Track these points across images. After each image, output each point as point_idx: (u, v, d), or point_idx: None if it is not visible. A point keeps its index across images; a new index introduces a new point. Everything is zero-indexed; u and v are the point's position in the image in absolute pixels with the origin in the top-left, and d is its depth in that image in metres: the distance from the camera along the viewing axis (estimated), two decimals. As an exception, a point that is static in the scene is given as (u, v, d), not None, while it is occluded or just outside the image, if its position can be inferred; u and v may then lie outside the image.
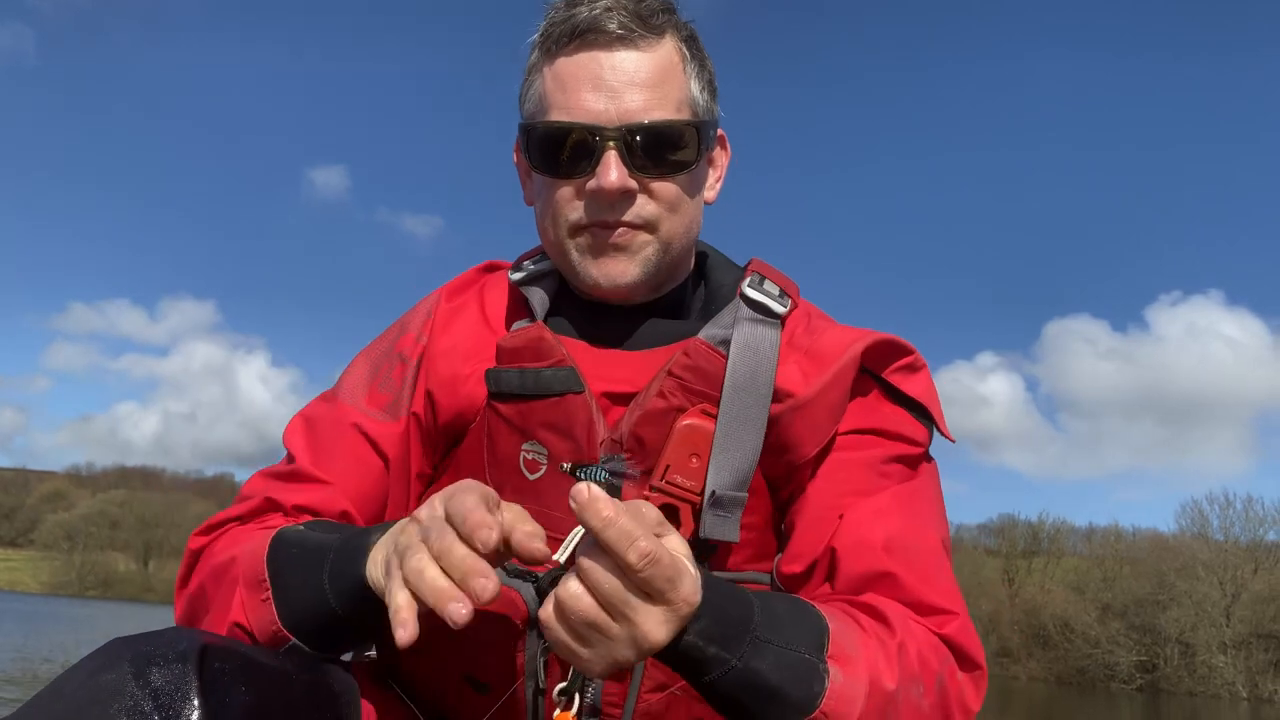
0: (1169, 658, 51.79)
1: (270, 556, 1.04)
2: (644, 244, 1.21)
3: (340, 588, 0.98)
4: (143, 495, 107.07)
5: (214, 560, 1.13)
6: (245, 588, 1.05)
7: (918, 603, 1.12)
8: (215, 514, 1.21)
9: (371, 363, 1.30)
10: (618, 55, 1.16)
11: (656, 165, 1.18)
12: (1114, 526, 65.57)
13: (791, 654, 0.94)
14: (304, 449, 1.24)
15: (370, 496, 1.22)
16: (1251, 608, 50.67)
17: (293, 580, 1.01)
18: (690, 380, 1.17)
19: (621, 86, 1.15)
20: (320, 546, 1.02)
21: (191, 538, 1.19)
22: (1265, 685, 48.70)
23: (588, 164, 1.16)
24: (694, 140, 1.20)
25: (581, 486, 0.83)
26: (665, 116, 1.17)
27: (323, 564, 0.99)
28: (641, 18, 1.17)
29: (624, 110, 1.15)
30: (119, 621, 42.86)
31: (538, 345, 1.20)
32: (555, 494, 1.15)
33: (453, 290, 1.34)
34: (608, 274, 1.21)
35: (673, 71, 1.19)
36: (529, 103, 1.24)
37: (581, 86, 1.16)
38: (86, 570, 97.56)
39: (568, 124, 1.16)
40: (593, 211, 1.19)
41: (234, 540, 1.14)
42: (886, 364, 1.23)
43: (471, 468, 1.22)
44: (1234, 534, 55.37)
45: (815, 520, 1.17)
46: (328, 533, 1.05)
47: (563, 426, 1.17)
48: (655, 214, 1.20)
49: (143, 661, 0.86)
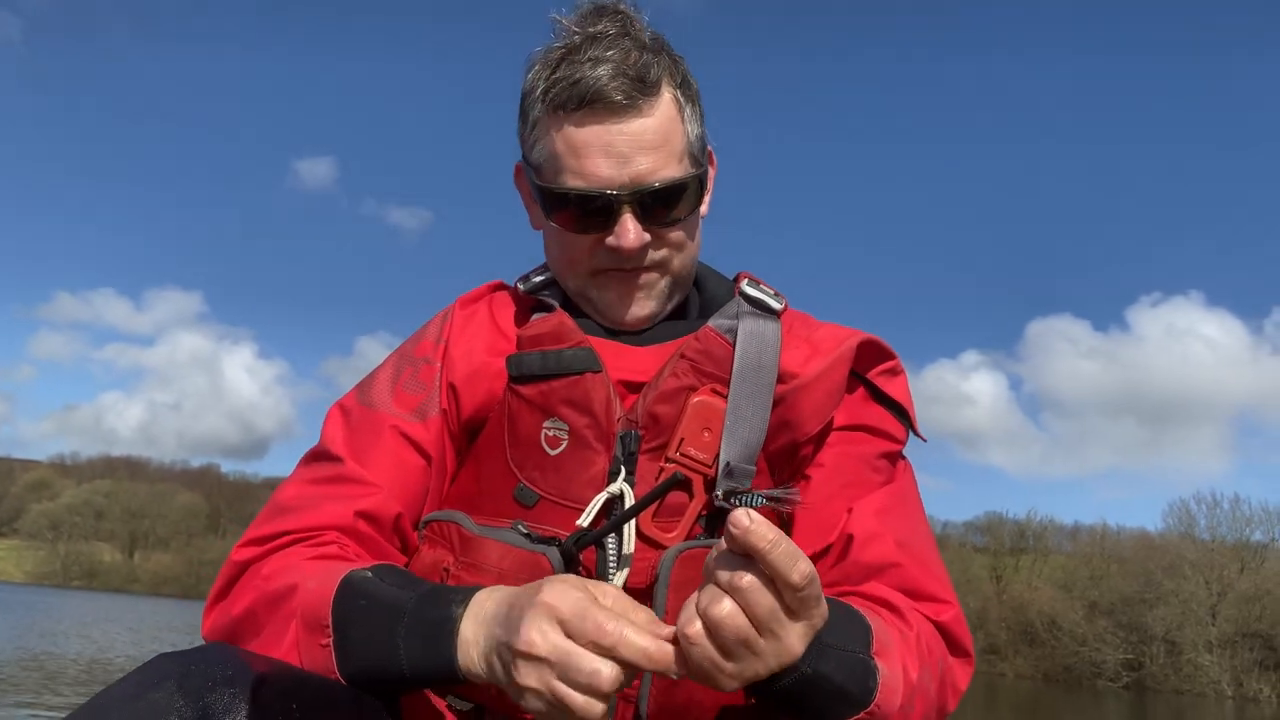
0: (1155, 656, 52.05)
1: (337, 602, 1.02)
2: (659, 283, 1.33)
3: (419, 660, 0.97)
4: (128, 485, 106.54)
5: (268, 585, 1.11)
6: (303, 627, 1.03)
7: (919, 591, 1.21)
8: (262, 524, 1.20)
9: (394, 368, 1.35)
10: (625, 123, 1.24)
11: (666, 218, 1.29)
12: (1101, 525, 65.98)
13: (851, 655, 1.01)
14: (347, 448, 1.26)
15: (416, 497, 1.26)
16: (1237, 607, 50.97)
17: (358, 634, 1.00)
18: (701, 362, 1.25)
19: (630, 152, 1.24)
20: (394, 606, 1.00)
21: (236, 549, 1.19)
22: (1250, 684, 49.01)
23: (604, 222, 1.27)
24: (696, 189, 1.31)
25: (740, 513, 0.85)
26: (671, 175, 1.27)
27: (395, 626, 0.99)
28: (641, 80, 1.23)
29: (635, 174, 1.25)
30: (106, 612, 42.61)
31: (558, 330, 1.28)
32: (574, 467, 1.22)
33: (465, 300, 1.41)
34: (629, 316, 1.32)
35: (673, 127, 1.28)
36: (537, 155, 1.31)
37: (594, 153, 1.24)
38: (71, 560, 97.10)
39: (585, 190, 1.25)
40: (611, 261, 1.29)
41: (290, 565, 1.12)
42: (871, 366, 1.33)
43: (492, 452, 1.27)
44: (1220, 534, 55.80)
45: (820, 509, 1.26)
46: (399, 586, 1.03)
47: (582, 403, 1.23)
48: (667, 256, 1.31)
49: (191, 681, 0.83)
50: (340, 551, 1.15)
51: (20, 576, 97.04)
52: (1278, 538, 55.33)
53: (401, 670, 0.98)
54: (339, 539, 1.17)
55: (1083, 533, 67.11)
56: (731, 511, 0.87)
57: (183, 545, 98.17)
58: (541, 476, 1.22)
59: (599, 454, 1.22)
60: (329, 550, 1.15)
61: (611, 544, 1.18)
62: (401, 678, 0.98)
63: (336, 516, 1.19)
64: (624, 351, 1.29)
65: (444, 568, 1.20)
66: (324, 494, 1.21)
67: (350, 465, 1.23)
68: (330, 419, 1.32)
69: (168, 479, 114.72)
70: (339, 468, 1.24)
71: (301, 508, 1.20)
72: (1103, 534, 64.53)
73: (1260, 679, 49.08)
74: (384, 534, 1.22)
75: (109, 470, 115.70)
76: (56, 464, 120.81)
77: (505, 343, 1.32)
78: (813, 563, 1.12)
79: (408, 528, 1.25)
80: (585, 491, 1.20)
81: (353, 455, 1.25)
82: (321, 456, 1.27)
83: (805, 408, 1.26)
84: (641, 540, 1.18)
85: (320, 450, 1.28)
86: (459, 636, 0.96)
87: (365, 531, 1.20)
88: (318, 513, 1.19)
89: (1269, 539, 55.33)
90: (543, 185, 1.29)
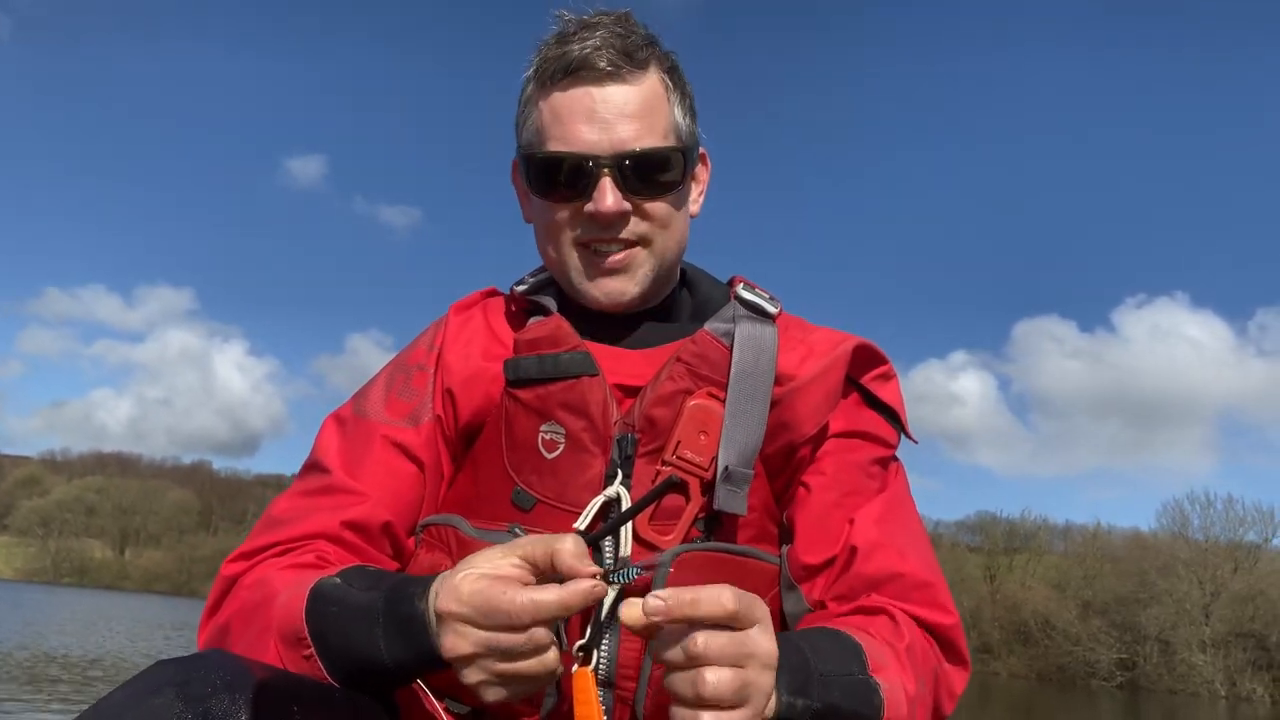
0: (1149, 656, 52.20)
1: (309, 613, 1.04)
2: (641, 261, 1.31)
3: (402, 656, 0.99)
4: (119, 482, 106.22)
5: (245, 597, 1.14)
6: (282, 643, 1.05)
7: (921, 601, 1.22)
8: (253, 538, 1.23)
9: (388, 377, 1.36)
10: (608, 89, 1.26)
11: (647, 187, 1.28)
12: (1095, 525, 66.05)
13: (851, 679, 1.04)
14: (338, 459, 1.27)
15: (407, 504, 1.27)
16: (1231, 607, 51.17)
17: (337, 641, 1.02)
18: (697, 366, 1.25)
19: (613, 118, 1.25)
20: (365, 609, 1.02)
21: (226, 562, 1.22)
22: (1244, 684, 49.15)
23: (585, 189, 1.26)
24: (679, 163, 1.30)
25: (650, 602, 0.90)
26: (653, 144, 1.27)
27: (372, 629, 1.00)
28: (628, 54, 1.26)
29: (616, 140, 1.25)
30: (97, 609, 42.34)
31: (555, 334, 1.27)
32: (571, 470, 1.21)
33: (460, 306, 1.41)
34: (608, 292, 1.31)
35: (658, 102, 1.29)
36: (527, 132, 1.32)
37: (576, 119, 1.25)
38: (62, 557, 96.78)
39: (565, 153, 1.26)
40: (591, 231, 1.29)
41: (264, 578, 1.14)
42: (865, 370, 1.33)
43: (489, 456, 1.27)
44: (1214, 534, 55.94)
45: (821, 518, 1.26)
46: (367, 588, 1.04)
47: (579, 407, 1.23)
48: (648, 231, 1.30)
49: (191, 687, 0.84)
50: (316, 560, 1.16)
51: (10, 573, 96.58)
52: (1271, 538, 55.52)
53: (387, 666, 1.00)
54: (322, 548, 1.18)
55: (1074, 532, 67.23)
56: (626, 610, 0.91)
57: (174, 542, 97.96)
58: (539, 480, 1.22)
59: (596, 457, 1.21)
60: (304, 559, 1.16)
61: (609, 547, 1.17)
62: (389, 672, 1.01)
63: (323, 526, 1.20)
64: (620, 356, 1.29)
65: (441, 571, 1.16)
66: (312, 505, 1.23)
67: (339, 476, 1.25)
68: (324, 430, 1.33)
69: (159, 475, 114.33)
70: (328, 479, 1.25)
71: (291, 520, 1.22)
72: (1095, 534, 64.67)
73: (1253, 679, 49.27)
74: (372, 542, 1.23)
75: (100, 466, 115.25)
76: (47, 460, 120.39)
77: (501, 348, 1.32)
78: (818, 573, 1.24)
79: (399, 535, 1.25)
80: (582, 495, 1.20)
81: (343, 465, 1.26)
82: (313, 468, 1.29)
83: (802, 409, 1.27)
84: (638, 543, 1.18)
85: (312, 462, 1.30)
86: (431, 627, 0.98)
87: (352, 540, 1.21)
88: (305, 524, 1.21)
89: (1262, 539, 55.55)
90: (527, 154, 1.31)
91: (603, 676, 1.13)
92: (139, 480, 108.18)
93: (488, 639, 0.93)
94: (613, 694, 1.13)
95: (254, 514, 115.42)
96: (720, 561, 1.19)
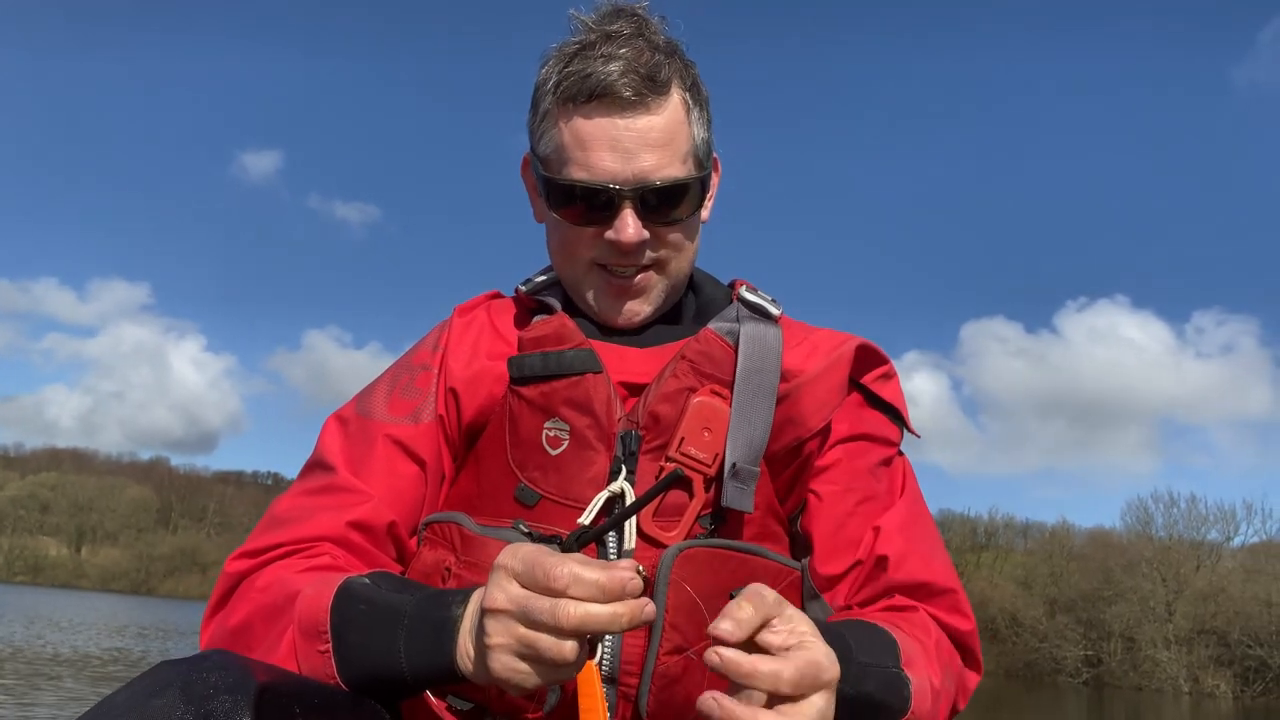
0: (1114, 652, 52.79)
1: (335, 608, 1.04)
2: (655, 283, 1.33)
3: (419, 661, 0.99)
4: (75, 478, 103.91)
5: (264, 597, 1.13)
6: (300, 634, 1.05)
7: (944, 605, 1.26)
8: (258, 536, 1.22)
9: (391, 377, 1.36)
10: (631, 119, 1.26)
11: (666, 217, 1.29)
12: (1059, 522, 66.70)
13: (885, 670, 1.08)
14: (342, 458, 1.28)
15: (411, 503, 1.27)
16: (1193, 604, 51.83)
17: (357, 638, 1.02)
18: (701, 364, 1.26)
19: (635, 148, 1.25)
20: (392, 611, 1.02)
21: (230, 560, 1.21)
22: (1206, 680, 49.81)
23: (605, 216, 1.27)
24: (698, 191, 1.31)
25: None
26: (674, 174, 1.27)
27: (395, 630, 1.00)
28: (651, 78, 1.25)
29: (638, 170, 1.25)
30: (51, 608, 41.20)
31: (560, 331, 1.28)
32: (575, 467, 1.22)
33: (463, 309, 1.42)
34: (623, 314, 1.33)
35: (679, 127, 1.29)
36: (544, 145, 1.32)
37: (600, 146, 1.26)
38: (15, 555, 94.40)
39: (588, 182, 1.26)
40: (608, 255, 1.30)
41: (285, 578, 1.14)
42: (866, 370, 1.35)
43: (493, 453, 1.28)
44: (1177, 532, 56.64)
45: (839, 527, 1.28)
46: (396, 591, 1.05)
47: (583, 404, 1.24)
48: (664, 256, 1.32)
49: (193, 688, 0.83)
50: (333, 562, 1.17)
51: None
52: (1233, 536, 56.40)
53: (402, 672, 0.99)
54: (331, 550, 1.19)
55: (1034, 530, 67.83)
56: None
57: (132, 539, 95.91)
58: (543, 476, 1.23)
59: (600, 454, 1.22)
60: (321, 562, 1.17)
61: (612, 542, 1.18)
62: (402, 679, 1.00)
63: (328, 527, 1.20)
64: (624, 353, 1.31)
65: (445, 567, 1.20)
66: (317, 505, 1.23)
67: (343, 475, 1.25)
68: (326, 429, 1.33)
69: (115, 472, 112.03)
70: (332, 478, 1.25)
71: (295, 519, 1.22)
72: (1053, 532, 65.30)
73: (1216, 675, 49.92)
74: (377, 543, 1.23)
75: (54, 462, 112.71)
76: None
77: (505, 346, 1.33)
78: (839, 580, 1.28)
79: (402, 535, 1.26)
80: (586, 491, 1.21)
81: (347, 464, 1.26)
82: (316, 467, 1.29)
83: (808, 404, 1.28)
84: (642, 539, 1.19)
85: (315, 460, 1.30)
86: (458, 642, 0.98)
87: (357, 541, 1.21)
88: (310, 524, 1.21)
89: (1224, 538, 56.41)
90: (548, 176, 1.30)
91: (606, 672, 1.14)
92: (95, 476, 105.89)
93: (523, 597, 0.91)
94: (615, 690, 1.14)
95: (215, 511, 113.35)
96: (724, 558, 1.19)
